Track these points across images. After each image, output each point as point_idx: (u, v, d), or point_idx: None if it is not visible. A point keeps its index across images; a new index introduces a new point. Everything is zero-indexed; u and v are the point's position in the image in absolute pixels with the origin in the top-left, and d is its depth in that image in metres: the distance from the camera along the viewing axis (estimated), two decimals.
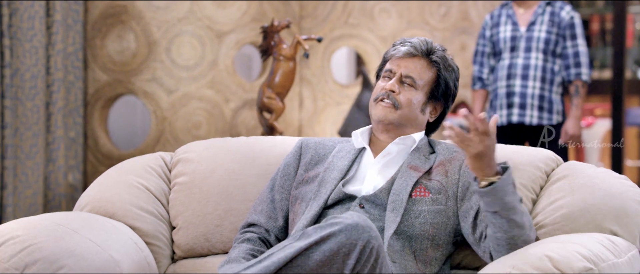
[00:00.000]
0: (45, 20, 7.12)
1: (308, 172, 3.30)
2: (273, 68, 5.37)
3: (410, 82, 3.25)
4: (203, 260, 3.45)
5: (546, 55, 6.38)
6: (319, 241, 2.74)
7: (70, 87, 7.39)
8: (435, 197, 3.11)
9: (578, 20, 6.43)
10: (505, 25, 6.46)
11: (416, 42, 3.28)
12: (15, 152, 6.91)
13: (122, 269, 3.16)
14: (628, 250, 2.92)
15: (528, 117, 6.36)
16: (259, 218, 3.30)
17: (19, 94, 6.94)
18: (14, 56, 6.90)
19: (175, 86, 7.56)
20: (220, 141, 3.60)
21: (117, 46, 7.59)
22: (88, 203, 3.50)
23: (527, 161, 3.25)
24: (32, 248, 3.02)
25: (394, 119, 3.24)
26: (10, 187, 6.85)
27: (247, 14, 7.64)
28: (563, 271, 2.70)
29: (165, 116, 7.55)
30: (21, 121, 6.96)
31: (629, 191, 3.13)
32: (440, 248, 3.12)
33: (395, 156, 3.23)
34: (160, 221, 3.48)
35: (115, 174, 3.56)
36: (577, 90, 6.42)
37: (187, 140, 7.50)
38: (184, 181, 3.52)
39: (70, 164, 7.40)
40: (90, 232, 3.21)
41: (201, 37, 7.58)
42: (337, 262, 2.74)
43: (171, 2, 7.52)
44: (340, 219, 2.77)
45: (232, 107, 7.64)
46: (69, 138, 7.38)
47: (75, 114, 7.44)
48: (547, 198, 3.18)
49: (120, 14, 7.54)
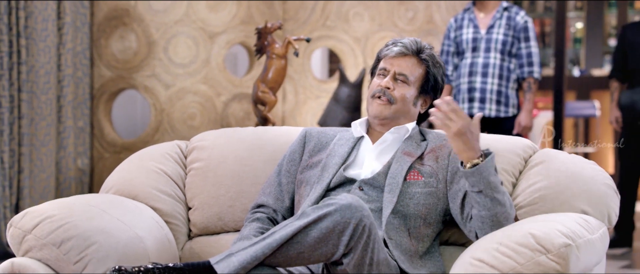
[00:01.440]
0: (56, 23, 7.12)
1: (312, 158, 3.29)
2: (266, 65, 5.35)
3: (404, 79, 3.24)
4: (216, 237, 3.45)
5: (503, 55, 6.40)
6: (316, 220, 2.76)
7: (79, 83, 7.38)
8: (427, 181, 3.12)
9: (531, 25, 6.45)
10: (467, 28, 6.47)
11: (407, 42, 3.27)
12: (30, 140, 6.90)
13: (146, 245, 3.16)
14: (599, 227, 2.93)
15: (487, 110, 6.38)
16: (268, 200, 3.30)
17: (33, 88, 6.92)
18: (29, 54, 6.88)
19: (172, 82, 7.54)
20: (231, 131, 3.58)
21: (120, 46, 7.58)
22: (113, 186, 3.47)
23: (508, 148, 3.26)
24: (67, 225, 3.01)
25: (389, 114, 3.24)
26: (27, 171, 6.84)
27: (237, 17, 7.62)
28: (545, 246, 2.71)
29: (164, 108, 7.53)
30: (36, 112, 6.94)
31: (598, 175, 3.15)
32: (431, 226, 3.13)
33: (390, 144, 3.24)
34: (177, 203, 3.47)
35: (137, 160, 3.54)
36: (530, 86, 6.46)
37: (183, 130, 7.49)
38: (199, 166, 3.50)
39: (79, 150, 7.40)
40: (117, 212, 3.20)
41: (195, 37, 7.56)
42: (333, 238, 2.75)
43: (169, 6, 7.51)
44: (335, 200, 2.79)
45: (223, 100, 7.63)
46: (77, 128, 7.38)
47: (83, 106, 7.44)
48: (526, 181, 3.19)
49: (123, 16, 7.52)
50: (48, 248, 2.98)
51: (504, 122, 6.40)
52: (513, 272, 2.71)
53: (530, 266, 2.70)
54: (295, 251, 2.77)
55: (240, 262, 2.74)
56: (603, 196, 3.10)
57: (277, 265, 2.80)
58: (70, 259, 2.97)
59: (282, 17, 7.86)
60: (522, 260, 2.71)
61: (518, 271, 2.71)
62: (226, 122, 7.61)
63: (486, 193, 2.93)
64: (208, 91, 7.59)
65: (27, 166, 6.83)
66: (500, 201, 2.94)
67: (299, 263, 2.80)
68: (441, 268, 3.11)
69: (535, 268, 2.70)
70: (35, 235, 3.00)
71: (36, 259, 3.00)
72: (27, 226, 3.02)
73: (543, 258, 2.70)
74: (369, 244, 2.80)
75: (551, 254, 2.70)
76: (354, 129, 3.30)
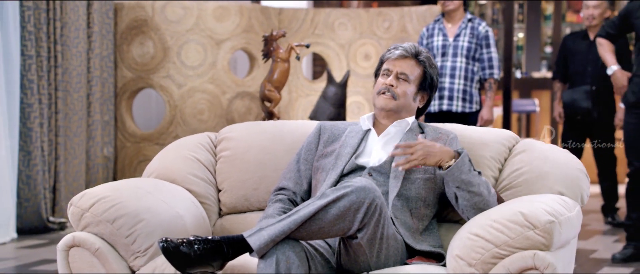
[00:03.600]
0: (86, 31, 7.10)
1: (326, 148, 3.26)
2: (272, 68, 5.29)
3: (405, 77, 3.21)
4: (243, 215, 3.41)
5: (468, 60, 6.37)
6: (335, 200, 2.72)
7: (105, 82, 7.34)
8: (426, 168, 3.09)
9: (491, 34, 6.44)
10: (437, 36, 6.44)
11: (407, 47, 3.24)
12: (65, 131, 6.86)
13: (185, 222, 3.13)
14: (574, 207, 2.91)
15: (454, 106, 6.36)
16: (288, 184, 3.26)
17: (67, 88, 6.89)
18: (64, 59, 6.84)
19: (184, 82, 7.48)
20: (255, 124, 3.55)
21: (140, 51, 7.51)
22: (154, 171, 3.43)
23: (494, 139, 3.23)
24: (119, 205, 2.99)
25: (393, 107, 3.20)
26: (62, 158, 6.80)
27: (239, 26, 7.57)
28: (533, 223, 2.69)
29: (177, 105, 7.47)
30: (69, 108, 6.90)
31: (572, 161, 3.13)
32: (430, 207, 3.10)
33: (393, 136, 3.21)
34: (209, 186, 3.43)
35: (174, 149, 3.49)
36: (490, 86, 6.44)
37: (193, 123, 7.44)
38: (227, 154, 3.46)
39: (105, 140, 7.37)
40: (160, 193, 3.17)
41: (204, 44, 7.50)
42: (349, 216, 2.72)
43: (181, 17, 7.45)
44: (351, 183, 2.76)
45: (228, 97, 7.57)
46: (103, 121, 7.34)
47: (108, 102, 7.40)
48: (511, 167, 3.17)
49: (142, 26, 7.45)
50: (103, 224, 2.96)
51: (469, 117, 6.38)
52: (505, 245, 2.70)
53: (520, 240, 2.68)
54: (316, 226, 2.73)
55: (269, 235, 2.71)
56: (576, 179, 3.08)
57: (300, 238, 2.76)
58: (122, 233, 2.96)
59: (278, 26, 7.82)
60: (513, 234, 2.69)
61: (509, 244, 2.69)
62: (230, 116, 7.56)
63: (462, 188, 2.93)
64: (215, 89, 7.53)
65: (62, 154, 6.79)
66: (476, 193, 2.93)
67: (320, 237, 2.77)
68: (439, 241, 3.09)
69: (524, 241, 2.68)
70: (92, 213, 2.98)
71: (93, 233, 2.99)
72: (85, 205, 2.99)
73: (531, 232, 2.68)
74: (380, 221, 2.77)
75: (538, 230, 2.68)
76: (362, 122, 3.27)
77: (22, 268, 5.26)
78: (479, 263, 2.71)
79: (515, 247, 2.68)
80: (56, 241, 6.14)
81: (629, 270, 5.30)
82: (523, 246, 2.68)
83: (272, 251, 2.69)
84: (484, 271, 2.71)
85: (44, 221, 6.47)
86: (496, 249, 2.70)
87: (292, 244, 2.73)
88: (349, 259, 2.84)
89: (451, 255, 2.81)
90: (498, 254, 2.70)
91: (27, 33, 6.37)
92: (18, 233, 6.37)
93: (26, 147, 6.38)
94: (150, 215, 3.01)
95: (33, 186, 6.40)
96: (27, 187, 6.39)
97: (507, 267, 2.67)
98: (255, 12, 7.67)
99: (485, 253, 2.71)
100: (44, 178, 6.53)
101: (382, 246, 2.82)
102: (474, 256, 2.72)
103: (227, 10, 7.52)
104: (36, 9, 6.48)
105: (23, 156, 6.37)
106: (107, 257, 2.94)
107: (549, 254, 2.66)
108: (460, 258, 2.75)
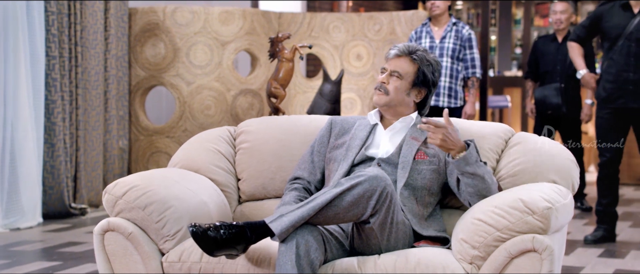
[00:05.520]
0: (103, 34, 7.05)
1: (337, 140, 3.22)
2: (278, 67, 5.25)
3: (397, 75, 3.16)
4: (261, 202, 3.37)
5: (453, 60, 6.35)
6: (349, 188, 2.69)
7: (120, 81, 7.28)
8: (431, 160, 3.06)
9: (474, 36, 6.43)
10: (425, 39, 6.42)
11: (401, 46, 3.20)
12: (84, 125, 6.82)
13: (209, 208, 3.10)
14: (567, 194, 2.89)
15: (441, 102, 6.35)
16: (303, 173, 3.23)
17: (87, 85, 6.84)
18: (84, 59, 6.79)
19: (192, 80, 7.41)
20: (271, 119, 3.50)
21: (152, 52, 7.44)
22: (179, 162, 3.39)
23: (492, 132, 3.20)
24: (150, 193, 2.96)
25: (385, 102, 3.16)
26: (82, 150, 6.76)
27: (242, 29, 7.51)
28: (532, 209, 2.67)
29: (186, 101, 7.41)
30: (88, 104, 6.85)
31: (563, 152, 3.10)
32: (434, 195, 3.08)
33: (399, 130, 3.18)
34: (230, 175, 3.39)
35: (196, 142, 3.45)
36: (473, 83, 6.44)
37: (201, 118, 7.38)
38: (246, 146, 3.42)
39: (120, 134, 7.31)
40: (186, 182, 3.14)
41: (210, 45, 7.44)
42: (363, 202, 2.69)
43: (190, 21, 7.39)
44: (364, 172, 2.73)
45: (232, 94, 7.52)
46: (119, 116, 7.28)
47: (123, 99, 7.33)
48: (507, 158, 3.13)
49: (154, 29, 7.39)
50: (135, 210, 2.93)
51: (453, 112, 6.36)
52: (506, 229, 2.68)
53: (519, 225, 2.67)
54: (333, 212, 2.70)
55: (290, 221, 2.68)
56: (568, 169, 3.05)
57: (317, 223, 2.73)
58: (152, 219, 2.92)
59: (278, 29, 7.77)
60: (513, 219, 2.67)
61: (510, 228, 2.68)
62: (234, 112, 7.50)
63: (467, 176, 2.90)
64: (220, 87, 7.47)
65: (82, 146, 6.74)
66: (481, 179, 2.90)
67: (335, 222, 2.74)
68: (443, 226, 3.06)
69: (524, 226, 2.67)
70: (125, 200, 2.94)
71: (126, 219, 2.95)
72: (118, 193, 2.96)
73: (530, 218, 2.66)
74: (390, 208, 2.74)
75: (536, 215, 2.66)
76: (369, 117, 3.23)
77: (49, 249, 5.26)
78: (482, 245, 2.69)
79: (516, 231, 2.66)
80: (78, 225, 6.16)
81: (600, 250, 5.32)
82: (522, 230, 2.66)
83: (292, 235, 2.67)
84: (486, 253, 2.69)
85: (67, 207, 6.43)
86: (498, 233, 2.67)
87: (310, 229, 2.70)
88: (362, 242, 2.81)
89: (456, 239, 2.79)
90: (500, 238, 2.67)
91: (51, 36, 6.34)
92: (43, 217, 6.36)
93: (50, 140, 6.36)
94: (178, 202, 2.97)
95: (56, 175, 6.37)
96: (51, 177, 6.36)
97: (508, 249, 2.65)
98: (257, 16, 7.62)
99: (487, 237, 2.68)
100: (66, 168, 6.49)
101: (392, 231, 2.79)
102: (477, 239, 2.70)
103: (232, 15, 7.47)
104: (59, 13, 6.45)
105: (47, 148, 6.35)
106: (139, 240, 2.90)
107: (546, 238, 2.64)
108: (464, 242, 2.73)
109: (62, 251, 5.14)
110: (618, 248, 5.38)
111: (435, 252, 2.79)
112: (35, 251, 5.20)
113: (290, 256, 2.64)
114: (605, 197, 5.61)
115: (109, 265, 2.94)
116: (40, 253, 5.13)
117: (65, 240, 5.52)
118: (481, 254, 2.69)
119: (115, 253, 2.92)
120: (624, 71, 5.42)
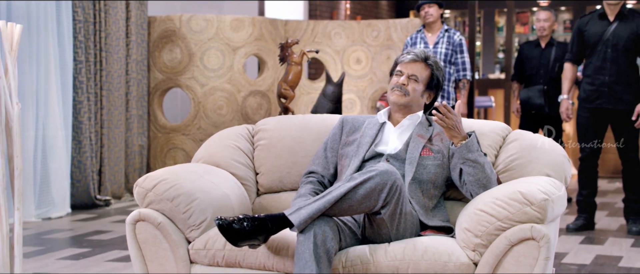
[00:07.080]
0: (125, 40, 7.03)
1: (348, 137, 3.19)
2: (287, 70, 5.25)
3: (415, 78, 3.15)
4: (278, 195, 3.34)
5: (445, 63, 6.33)
6: (362, 182, 2.67)
7: (139, 83, 7.25)
8: (436, 155, 3.04)
9: (464, 42, 6.41)
10: (419, 44, 6.40)
11: (417, 52, 3.18)
12: (108, 124, 6.81)
13: (231, 200, 3.07)
14: (561, 187, 2.86)
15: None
16: (317, 168, 3.20)
17: (110, 87, 6.82)
18: (108, 63, 6.78)
19: (206, 82, 7.39)
20: (286, 118, 3.47)
21: (169, 56, 7.41)
22: (202, 157, 3.36)
23: (491, 129, 3.18)
24: (177, 186, 2.93)
25: (404, 102, 3.14)
26: (106, 146, 6.75)
27: (252, 35, 7.49)
28: (530, 200, 2.65)
29: (200, 101, 7.38)
30: (112, 104, 6.84)
31: (556, 148, 3.08)
32: (438, 188, 3.05)
33: (406, 127, 3.15)
34: (248, 169, 3.35)
35: (218, 139, 3.41)
36: (464, 85, 6.42)
37: (214, 117, 7.36)
38: (263, 143, 3.39)
39: (140, 131, 7.28)
40: (210, 176, 3.11)
41: (223, 50, 7.41)
42: (374, 195, 2.67)
43: (204, 28, 7.36)
44: (375, 167, 2.71)
45: (243, 95, 7.49)
46: (139, 115, 7.26)
47: (142, 100, 7.31)
48: (505, 154, 3.11)
49: (171, 35, 7.37)
50: (164, 202, 2.90)
51: None
52: (506, 219, 2.65)
53: (518, 215, 2.64)
54: (346, 204, 2.68)
55: (307, 213, 2.66)
56: (561, 164, 3.03)
57: (333, 215, 2.71)
58: (180, 210, 2.90)
59: (284, 36, 7.74)
60: (513, 210, 2.65)
61: (510, 218, 2.65)
62: (244, 111, 7.48)
63: (469, 164, 2.88)
64: (231, 88, 7.45)
65: (106, 143, 6.73)
66: (482, 168, 2.88)
67: (349, 213, 2.72)
68: (447, 217, 3.04)
69: (523, 216, 2.64)
70: (155, 192, 2.92)
71: (155, 210, 2.92)
72: (148, 186, 2.93)
73: (528, 208, 2.64)
74: (400, 200, 2.72)
75: (534, 206, 2.64)
76: (379, 116, 3.20)
77: (78, 237, 5.25)
78: (484, 234, 2.67)
79: (515, 221, 2.64)
80: (103, 215, 6.14)
81: (581, 237, 5.31)
82: (521, 220, 2.64)
83: (310, 226, 2.65)
84: (488, 241, 2.67)
85: (92, 198, 6.43)
86: (499, 222, 2.65)
87: (327, 220, 2.68)
88: (373, 231, 2.79)
89: (460, 228, 2.77)
90: (500, 227, 2.65)
91: (78, 42, 6.33)
92: (72, 208, 6.36)
93: (77, 137, 6.36)
94: (203, 194, 2.94)
95: (83, 169, 6.37)
96: (78, 171, 6.36)
97: (508, 238, 2.63)
98: (265, 23, 7.59)
99: (489, 226, 2.66)
100: (92, 163, 6.48)
101: (401, 221, 2.77)
102: (479, 228, 2.68)
103: (242, 22, 7.44)
104: (85, 22, 6.44)
105: (75, 145, 6.36)
106: (167, 230, 2.88)
107: (543, 227, 2.62)
108: (468, 231, 2.71)
109: (90, 239, 5.13)
110: (597, 235, 5.38)
111: (440, 240, 2.77)
112: (66, 239, 5.19)
113: (308, 245, 2.62)
114: (585, 189, 5.62)
115: (140, 252, 2.92)
116: (70, 241, 5.12)
117: (92, 229, 5.50)
118: (483, 242, 2.67)
119: (146, 241, 2.89)
120: (601, 74, 5.44)
